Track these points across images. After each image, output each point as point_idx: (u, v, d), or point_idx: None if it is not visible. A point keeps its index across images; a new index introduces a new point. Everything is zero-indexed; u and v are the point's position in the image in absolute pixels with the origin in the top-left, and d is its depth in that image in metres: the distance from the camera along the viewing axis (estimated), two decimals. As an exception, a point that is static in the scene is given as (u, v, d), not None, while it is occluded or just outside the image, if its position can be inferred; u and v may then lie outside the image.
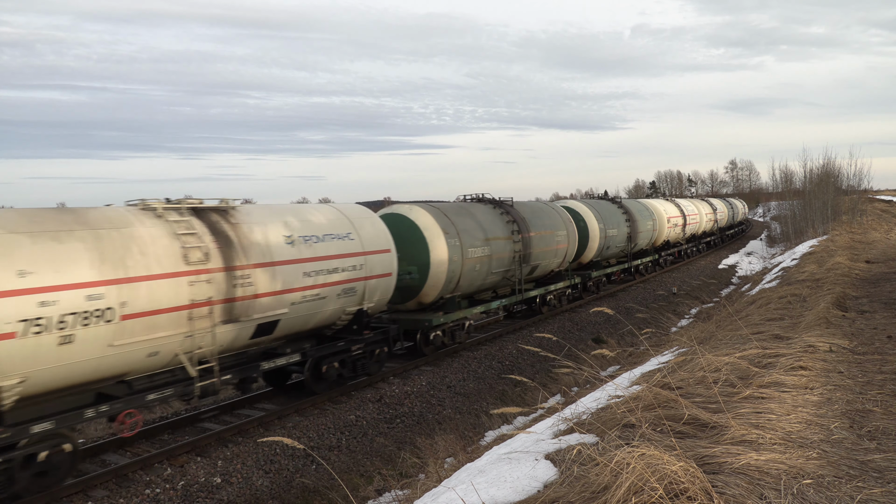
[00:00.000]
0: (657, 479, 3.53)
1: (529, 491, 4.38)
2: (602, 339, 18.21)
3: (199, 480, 9.01)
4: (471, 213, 16.05)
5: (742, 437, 4.67)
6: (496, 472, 4.85)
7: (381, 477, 9.63)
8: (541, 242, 18.46)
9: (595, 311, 20.48)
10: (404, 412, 12.21)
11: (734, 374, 6.49)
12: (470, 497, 4.28)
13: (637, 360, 12.84)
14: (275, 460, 9.82)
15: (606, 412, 5.92)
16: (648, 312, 21.74)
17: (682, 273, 31.92)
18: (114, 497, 8.34)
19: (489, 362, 15.35)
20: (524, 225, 17.77)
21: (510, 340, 17.07)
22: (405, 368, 14.05)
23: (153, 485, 8.71)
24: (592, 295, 23.56)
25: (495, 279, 16.75)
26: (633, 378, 7.91)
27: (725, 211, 49.01)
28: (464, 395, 13.46)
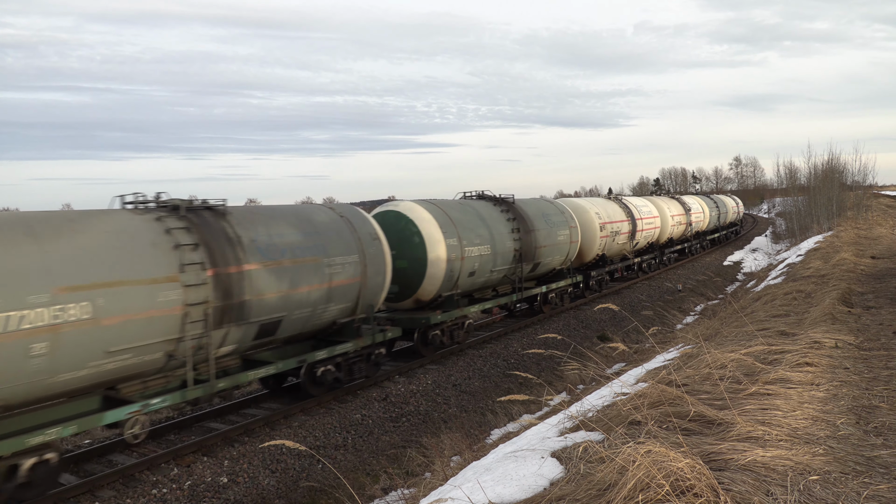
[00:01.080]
0: (663, 476, 3.53)
1: (536, 489, 4.39)
2: (607, 337, 18.19)
3: (206, 480, 9.04)
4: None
5: (748, 434, 4.67)
6: (502, 470, 4.86)
7: (388, 476, 9.65)
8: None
9: (600, 308, 20.31)
10: (410, 411, 12.22)
11: (740, 370, 6.48)
12: (476, 495, 4.29)
13: (643, 358, 12.83)
14: (281, 460, 9.85)
15: (612, 409, 5.92)
16: (654, 309, 21.70)
17: (688, 270, 31.84)
18: (121, 497, 8.38)
19: (494, 360, 15.36)
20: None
21: (515, 339, 17.06)
22: (410, 367, 14.07)
23: (160, 485, 8.75)
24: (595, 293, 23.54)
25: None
26: (639, 375, 7.90)
27: (706, 211, 39.42)
28: (469, 394, 13.47)
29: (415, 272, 14.21)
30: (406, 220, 14.36)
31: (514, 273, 17.30)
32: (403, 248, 14.14)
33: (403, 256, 14.12)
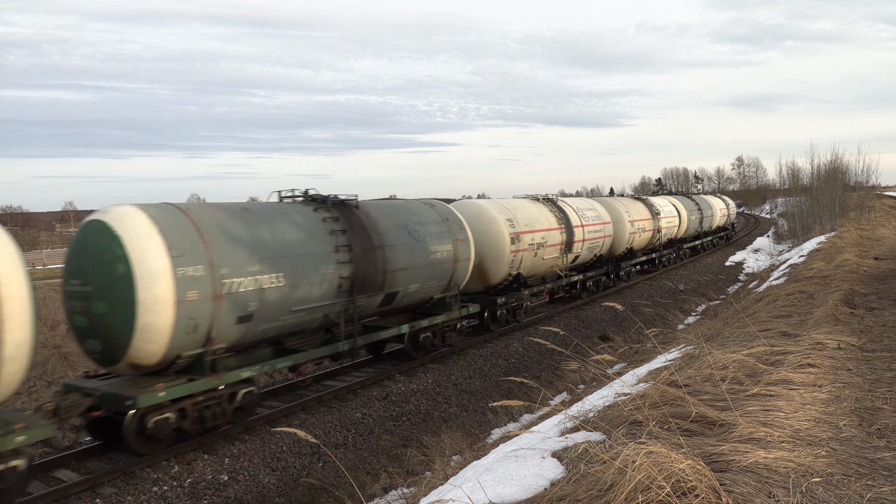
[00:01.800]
0: (664, 478, 3.51)
1: (536, 489, 4.37)
2: (608, 337, 18.17)
3: (207, 478, 9.04)
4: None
5: (750, 435, 4.64)
6: (503, 470, 4.85)
7: (388, 475, 9.64)
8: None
9: (603, 306, 20.22)
10: (410, 410, 12.22)
11: (742, 371, 6.46)
12: (477, 495, 4.28)
13: (644, 358, 12.80)
14: (281, 458, 9.85)
15: (613, 410, 5.90)
16: (655, 309, 21.67)
17: (689, 270, 31.79)
18: (122, 494, 8.38)
19: (495, 360, 15.34)
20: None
21: (516, 338, 17.04)
22: (411, 367, 14.05)
23: (161, 482, 8.75)
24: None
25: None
26: (640, 376, 7.88)
27: (683, 215, 32.25)
28: (470, 393, 13.46)
29: (117, 321, 8.80)
30: (109, 236, 8.90)
31: (340, 313, 11.70)
32: (99, 283, 8.88)
33: (100, 296, 8.86)
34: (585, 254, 21.75)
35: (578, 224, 20.82)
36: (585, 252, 21.63)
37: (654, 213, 28.24)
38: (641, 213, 26.80)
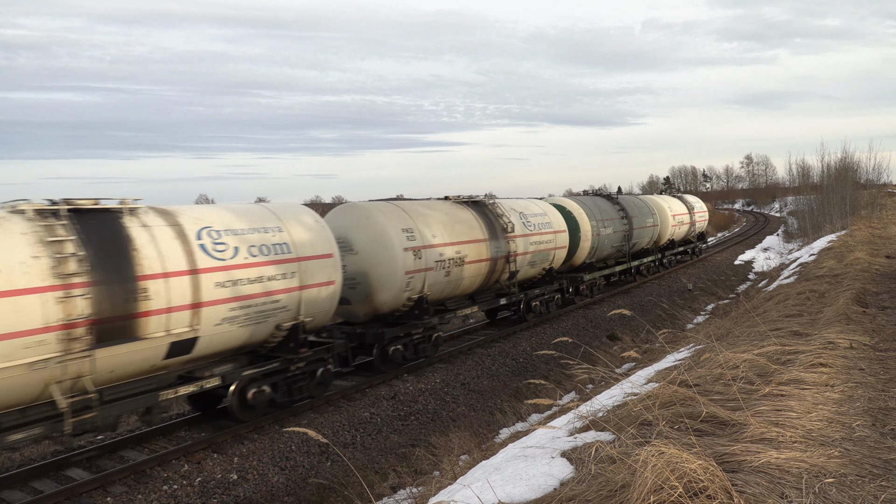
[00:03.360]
0: (676, 478, 3.48)
1: (546, 489, 4.35)
2: (617, 337, 18.10)
3: (216, 477, 9.07)
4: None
5: (762, 435, 4.61)
6: (512, 470, 4.83)
7: (396, 474, 9.64)
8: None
9: (609, 307, 20.10)
10: (418, 409, 12.21)
11: (753, 371, 6.41)
12: (486, 495, 4.27)
13: (653, 358, 12.74)
14: (290, 457, 9.87)
15: (623, 410, 5.87)
16: (664, 309, 21.58)
17: (697, 269, 31.63)
18: (132, 493, 8.42)
19: (503, 360, 15.31)
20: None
21: (524, 338, 17.01)
22: (418, 366, 14.05)
23: (171, 481, 8.79)
24: None
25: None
26: (650, 375, 7.85)
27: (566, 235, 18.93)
28: (478, 393, 13.44)
29: None
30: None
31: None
32: None
33: None
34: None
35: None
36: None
37: (497, 227, 15.71)
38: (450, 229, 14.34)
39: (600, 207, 22.36)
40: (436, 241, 13.69)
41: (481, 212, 15.77)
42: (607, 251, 22.74)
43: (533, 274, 17.86)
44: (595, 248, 21.30)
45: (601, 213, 22.05)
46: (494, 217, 15.93)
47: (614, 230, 22.57)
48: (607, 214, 22.50)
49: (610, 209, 22.95)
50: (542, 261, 17.75)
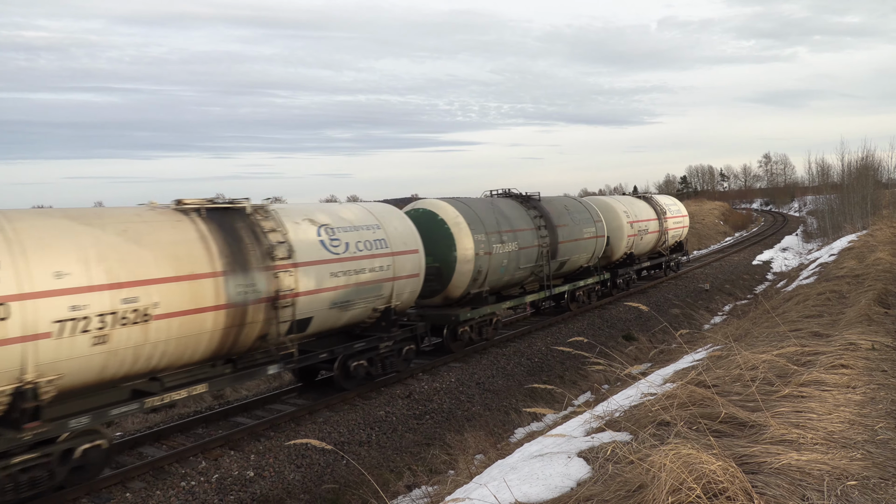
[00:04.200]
0: (695, 479, 3.45)
1: (563, 489, 4.34)
2: (633, 337, 17.98)
3: (233, 474, 9.15)
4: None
5: (782, 437, 4.55)
6: (528, 470, 4.82)
7: (411, 472, 9.66)
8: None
9: (626, 306, 20.06)
10: (433, 408, 12.22)
11: (772, 372, 6.33)
12: (502, 494, 4.26)
13: (669, 358, 12.64)
14: (306, 455, 9.92)
15: (640, 410, 5.83)
16: (681, 309, 21.40)
17: (714, 269, 31.33)
18: (151, 489, 8.52)
19: (518, 359, 15.28)
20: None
21: (539, 337, 16.95)
22: (434, 365, 14.06)
23: (188, 477, 8.88)
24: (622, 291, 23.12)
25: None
26: (667, 376, 7.78)
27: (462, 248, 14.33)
28: (493, 392, 13.42)
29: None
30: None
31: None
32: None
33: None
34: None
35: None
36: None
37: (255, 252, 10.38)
38: None
39: (501, 214, 15.71)
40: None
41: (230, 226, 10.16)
42: (514, 274, 16.09)
43: (353, 319, 11.85)
44: (483, 271, 14.54)
45: (498, 221, 15.38)
46: (253, 236, 9.96)
47: (522, 245, 15.96)
48: (510, 224, 15.79)
49: (518, 216, 16.44)
50: (367, 299, 11.81)
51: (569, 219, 18.51)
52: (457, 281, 14.28)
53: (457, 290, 14.49)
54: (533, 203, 17.58)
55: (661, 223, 24.88)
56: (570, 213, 18.74)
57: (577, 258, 18.96)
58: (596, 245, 19.85)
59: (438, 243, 14.08)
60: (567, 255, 18.24)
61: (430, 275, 13.78)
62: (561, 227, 17.84)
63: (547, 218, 17.46)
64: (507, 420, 12.09)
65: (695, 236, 51.30)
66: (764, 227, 67.47)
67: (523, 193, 17.90)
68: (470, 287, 14.53)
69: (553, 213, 17.92)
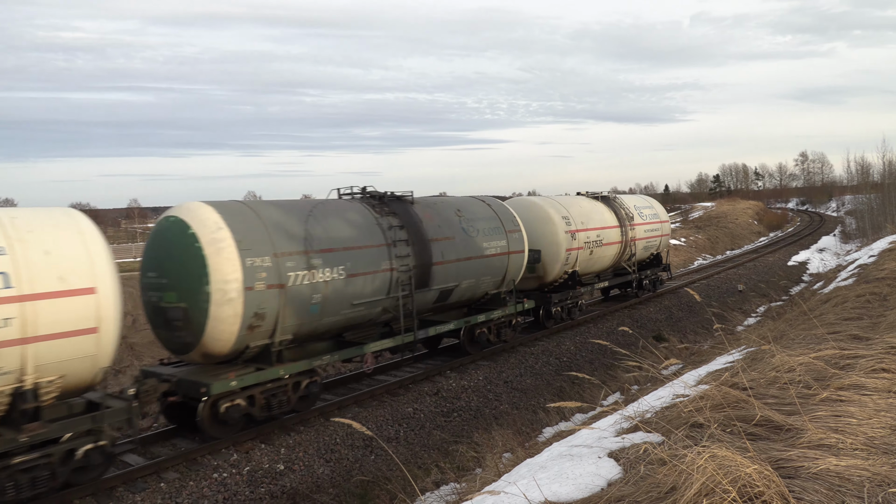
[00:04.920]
0: (730, 482, 3.39)
1: (593, 488, 4.30)
2: (663, 337, 17.75)
3: (264, 466, 9.29)
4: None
5: (820, 441, 4.44)
6: (558, 469, 4.79)
7: (439, 469, 9.69)
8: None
9: (656, 308, 19.66)
10: (461, 406, 12.23)
11: (809, 374, 6.19)
12: (532, 492, 4.24)
13: (701, 359, 12.45)
14: (335, 450, 10.02)
15: (671, 411, 5.75)
16: (714, 310, 21.04)
17: (748, 270, 30.71)
18: (184, 479, 8.70)
19: (546, 358, 15.20)
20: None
21: (567, 337, 16.84)
22: (462, 363, 14.07)
23: (220, 469, 9.04)
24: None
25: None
26: (700, 377, 7.66)
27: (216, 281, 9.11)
28: (521, 391, 13.38)
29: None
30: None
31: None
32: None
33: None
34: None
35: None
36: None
37: None
38: None
39: (320, 225, 10.61)
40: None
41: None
42: (343, 314, 10.85)
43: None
44: (270, 313, 9.62)
45: (310, 236, 10.30)
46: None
47: (357, 270, 10.79)
48: (335, 239, 10.67)
49: (358, 227, 11.26)
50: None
51: (457, 229, 13.28)
52: (214, 331, 9.18)
53: (218, 344, 9.32)
54: (392, 208, 12.23)
55: (624, 231, 19.62)
56: (462, 220, 13.56)
57: (472, 284, 13.67)
58: (509, 263, 14.51)
59: (185, 271, 9.25)
60: (451, 281, 12.94)
61: (175, 319, 9.35)
62: (440, 240, 12.70)
63: (414, 229, 12.18)
64: (534, 419, 12.05)
65: (728, 236, 50.34)
66: (800, 226, 65.86)
67: (387, 193, 12.59)
68: (246, 339, 9.48)
69: (428, 221, 12.70)
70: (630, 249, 20.06)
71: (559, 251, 16.62)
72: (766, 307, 22.71)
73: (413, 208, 12.72)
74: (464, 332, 13.92)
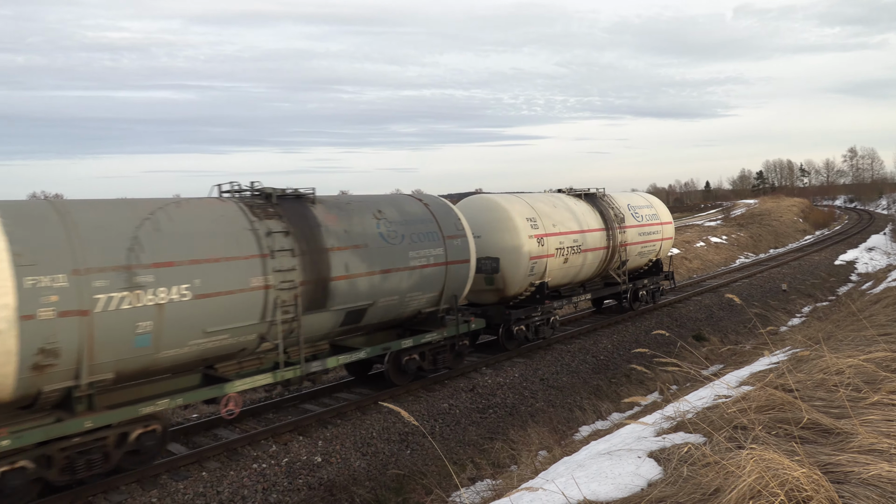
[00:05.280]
0: (777, 485, 3.30)
1: (633, 488, 4.25)
2: (704, 337, 17.39)
3: (302, 458, 9.44)
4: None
5: (871, 446, 4.29)
6: (596, 468, 4.74)
7: (474, 465, 9.70)
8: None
9: (696, 306, 19.22)
10: (496, 403, 12.21)
11: (859, 377, 5.98)
12: (570, 491, 4.21)
13: (743, 360, 12.16)
14: (371, 443, 10.12)
15: (714, 412, 5.63)
16: (757, 310, 20.51)
17: (792, 269, 29.84)
18: (225, 469, 8.90)
19: (583, 356, 15.05)
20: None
21: (605, 335, 16.64)
22: (497, 360, 14.04)
23: (259, 460, 9.22)
24: None
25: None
26: (742, 377, 7.48)
27: None
28: (557, 389, 13.29)
29: None
30: None
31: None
32: None
33: None
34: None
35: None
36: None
37: None
38: None
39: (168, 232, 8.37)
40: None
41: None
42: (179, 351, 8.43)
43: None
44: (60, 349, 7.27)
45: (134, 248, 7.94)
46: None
47: (202, 291, 8.39)
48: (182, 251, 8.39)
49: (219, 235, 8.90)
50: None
51: (372, 235, 10.70)
52: None
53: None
54: (280, 209, 9.87)
55: (611, 235, 16.71)
56: (382, 224, 10.92)
57: (395, 302, 11.04)
58: (447, 276, 11.85)
59: None
60: (362, 300, 10.43)
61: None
62: (344, 249, 10.18)
63: (306, 235, 9.80)
64: (571, 417, 11.95)
65: (771, 234, 49.01)
66: (847, 224, 63.64)
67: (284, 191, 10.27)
68: (35, 382, 7.27)
69: (331, 225, 10.23)
70: (620, 256, 17.21)
71: (521, 259, 13.85)
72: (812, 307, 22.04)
73: (312, 210, 10.29)
74: (388, 359, 11.46)
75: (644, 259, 18.83)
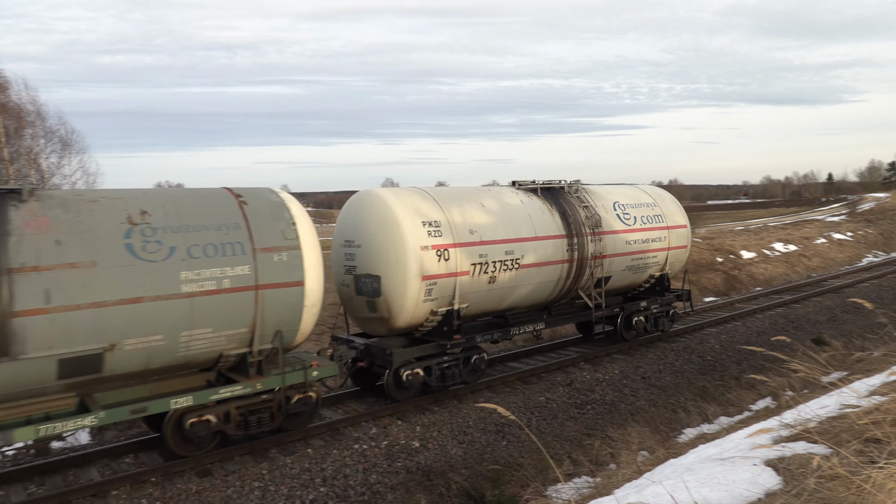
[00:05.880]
0: (922, 507, 2.99)
1: (748, 497, 4.01)
2: (824, 341, 16.11)
3: (400, 442, 9.68)
4: None
5: None
6: (707, 473, 4.52)
7: (571, 461, 9.54)
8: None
9: (816, 308, 17.80)
10: (595, 399, 11.94)
11: None
12: (679, 494, 4.03)
13: (870, 368, 11.15)
14: (468, 432, 10.21)
15: (840, 422, 5.20)
16: (885, 312, 18.74)
17: None
18: (328, 448, 9.30)
19: (688, 356, 14.40)
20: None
21: (712, 334, 15.82)
22: (596, 355, 13.72)
23: (361, 441, 9.55)
24: None
25: None
26: (873, 387, 6.86)
27: None
28: (659, 388, 12.79)
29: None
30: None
31: None
32: None
33: None
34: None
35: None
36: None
37: None
38: None
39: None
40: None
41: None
42: None
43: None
44: None
45: None
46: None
47: None
48: None
49: None
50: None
51: (116, 248, 7.59)
52: None
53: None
54: None
55: (576, 244, 12.43)
56: (136, 232, 7.77)
57: (161, 345, 7.86)
58: (257, 305, 8.48)
59: None
60: (91, 343, 7.35)
61: None
62: (49, 269, 7.10)
63: None
64: (673, 419, 11.47)
65: None
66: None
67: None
68: None
69: (36, 232, 7.19)
70: (590, 271, 12.77)
71: (407, 278, 10.12)
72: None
73: (15, 211, 7.23)
74: (169, 426, 8.35)
75: (640, 275, 14.38)
